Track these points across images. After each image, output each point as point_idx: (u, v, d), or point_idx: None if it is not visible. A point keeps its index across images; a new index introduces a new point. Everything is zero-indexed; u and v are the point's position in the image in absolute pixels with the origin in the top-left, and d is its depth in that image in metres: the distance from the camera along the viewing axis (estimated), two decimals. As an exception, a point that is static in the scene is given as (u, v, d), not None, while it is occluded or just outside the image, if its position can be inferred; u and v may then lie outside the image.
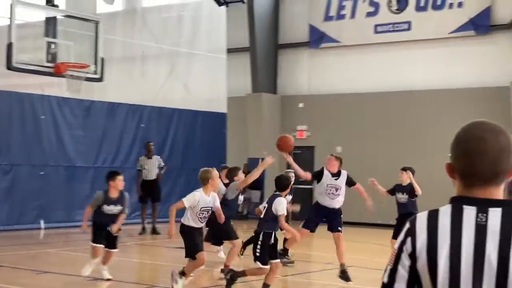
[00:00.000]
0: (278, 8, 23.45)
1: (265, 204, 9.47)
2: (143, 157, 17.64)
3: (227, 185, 11.25)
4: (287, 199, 10.52)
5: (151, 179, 17.39)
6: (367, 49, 21.70)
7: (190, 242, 9.37)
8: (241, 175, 11.48)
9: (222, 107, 21.76)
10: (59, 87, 17.09)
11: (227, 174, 12.21)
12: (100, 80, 16.56)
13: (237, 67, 23.23)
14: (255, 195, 22.80)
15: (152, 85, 20.08)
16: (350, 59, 22.05)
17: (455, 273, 2.11)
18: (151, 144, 17.76)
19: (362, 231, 18.60)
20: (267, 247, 9.18)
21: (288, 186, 9.53)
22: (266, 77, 23.22)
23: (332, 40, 22.35)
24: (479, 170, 2.17)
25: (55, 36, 16.50)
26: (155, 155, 17.74)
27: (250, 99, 23.13)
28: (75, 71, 15.83)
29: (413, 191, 11.75)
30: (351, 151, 21.15)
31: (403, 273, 2.18)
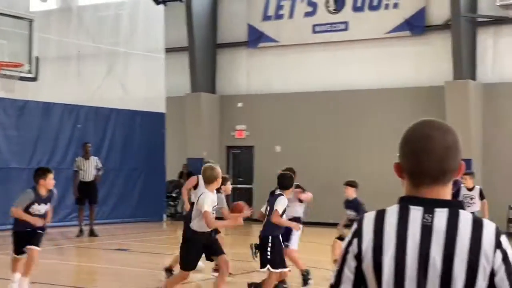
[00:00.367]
0: (216, 7, 23.38)
1: (266, 205, 9.09)
2: (80, 158, 17.36)
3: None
4: None
5: (88, 181, 17.13)
6: (305, 48, 21.84)
7: (189, 255, 8.48)
8: (229, 186, 10.96)
9: (160, 107, 21.58)
10: (-8, 87, 16.68)
11: None
12: (34, 79, 16.25)
13: (176, 67, 23.07)
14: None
15: (88, 85, 19.78)
16: (288, 59, 22.15)
17: (400, 274, 2.10)
18: (89, 144, 17.50)
19: (319, 231, 18.20)
20: (278, 250, 8.88)
21: (291, 185, 9.12)
22: (204, 76, 23.13)
23: (270, 39, 22.41)
24: (426, 168, 2.16)
25: (-13, 34, 16.11)
26: (93, 156, 17.49)
27: (189, 99, 23.01)
28: (9, 70, 15.51)
29: (359, 206, 11.23)
30: (290, 150, 21.27)
31: (348, 274, 2.17)
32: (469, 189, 13.20)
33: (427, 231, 2.11)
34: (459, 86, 19.02)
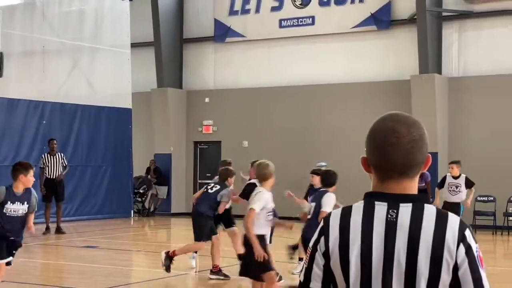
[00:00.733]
0: (182, 2, 23.28)
1: (311, 203, 8.73)
2: (46, 154, 17.19)
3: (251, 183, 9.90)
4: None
5: (55, 178, 16.98)
6: (272, 43, 21.85)
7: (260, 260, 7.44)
8: (232, 180, 10.62)
9: (127, 103, 21.42)
10: (-45, 83, 16.41)
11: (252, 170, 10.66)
12: (-2, 75, 16.02)
13: (142, 62, 22.93)
14: (162, 191, 22.60)
15: (53, 81, 19.56)
16: (255, 54, 22.15)
17: (366, 270, 2.10)
18: (54, 141, 17.33)
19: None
20: None
21: (335, 182, 8.68)
22: (171, 72, 23.02)
23: (237, 34, 22.38)
24: (392, 162, 2.15)
25: (-51, 30, 15.84)
26: (59, 152, 17.32)
27: (155, 94, 22.89)
28: (-28, 67, 15.26)
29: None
30: (257, 145, 21.29)
31: (317, 271, 2.17)
32: (455, 177, 13.31)
33: (391, 227, 2.10)
34: (425, 80, 19.19)
